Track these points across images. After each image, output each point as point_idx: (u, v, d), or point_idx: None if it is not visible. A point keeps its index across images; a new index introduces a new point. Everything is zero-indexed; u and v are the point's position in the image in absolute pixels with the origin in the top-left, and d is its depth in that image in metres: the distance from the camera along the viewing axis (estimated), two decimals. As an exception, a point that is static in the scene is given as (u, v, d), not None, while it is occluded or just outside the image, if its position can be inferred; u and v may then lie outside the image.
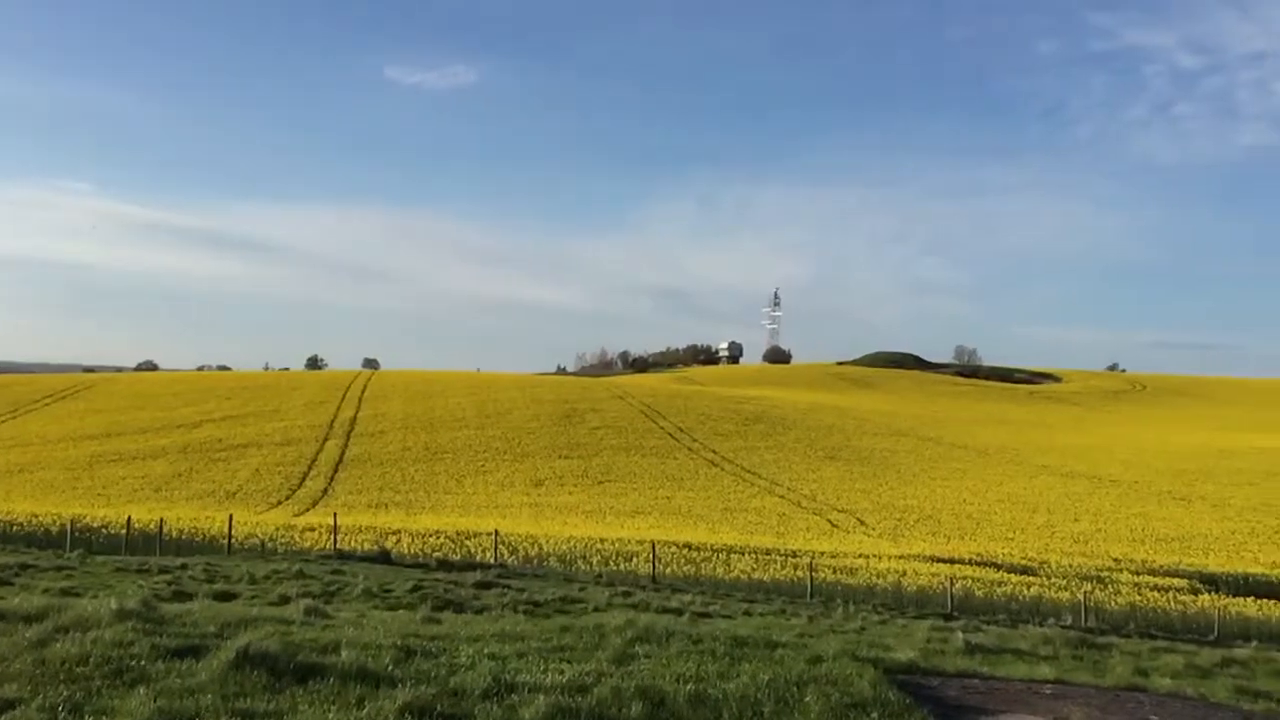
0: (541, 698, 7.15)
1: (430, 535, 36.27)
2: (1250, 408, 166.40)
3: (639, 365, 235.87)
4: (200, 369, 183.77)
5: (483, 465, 67.75)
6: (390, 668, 8.14)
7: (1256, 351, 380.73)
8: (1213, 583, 40.12)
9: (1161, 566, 42.76)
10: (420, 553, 31.92)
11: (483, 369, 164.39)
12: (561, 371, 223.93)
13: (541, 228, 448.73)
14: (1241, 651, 16.33)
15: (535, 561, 32.63)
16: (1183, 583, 39.25)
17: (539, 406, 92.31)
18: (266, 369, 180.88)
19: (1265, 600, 37.00)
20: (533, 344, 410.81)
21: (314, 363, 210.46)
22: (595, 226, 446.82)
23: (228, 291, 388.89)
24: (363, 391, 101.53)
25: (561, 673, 8.13)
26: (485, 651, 9.17)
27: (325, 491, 57.89)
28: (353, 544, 32.52)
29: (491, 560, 30.85)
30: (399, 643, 9.30)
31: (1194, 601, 35.38)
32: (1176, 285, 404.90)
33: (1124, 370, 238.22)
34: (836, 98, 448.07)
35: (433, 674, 8.03)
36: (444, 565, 28.21)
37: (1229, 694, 10.48)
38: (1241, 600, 36.54)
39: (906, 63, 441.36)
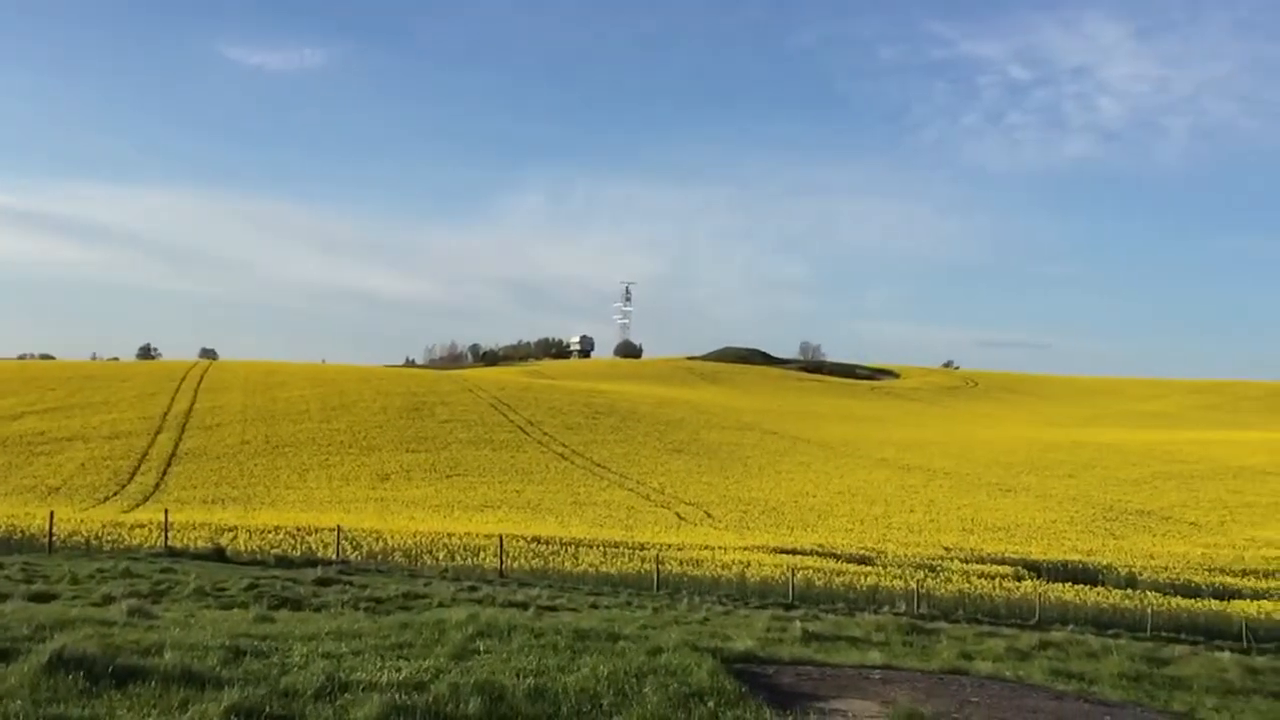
0: (376, 696, 7.01)
1: (269, 531, 35.17)
2: (1071, 404, 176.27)
3: (489, 359, 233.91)
4: (21, 358, 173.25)
5: (326, 459, 66.09)
6: (218, 669, 7.88)
7: (1077, 350, 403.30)
8: (1035, 569, 42.25)
9: (989, 555, 44.80)
10: (258, 549, 30.88)
11: (328, 360, 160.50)
12: (410, 364, 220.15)
13: (390, 217, 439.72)
14: (1058, 634, 17.27)
15: (379, 557, 31.99)
16: (1008, 570, 41.17)
17: (386, 399, 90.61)
18: (94, 358, 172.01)
19: (1081, 585, 39.18)
20: (380, 336, 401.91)
21: (146, 352, 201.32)
22: (445, 217, 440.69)
23: (52, 276, 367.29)
24: (199, 383, 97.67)
25: (398, 670, 7.99)
26: (320, 650, 8.95)
27: (157, 487, 55.50)
28: (185, 541, 31.20)
29: (333, 556, 30.09)
30: (228, 643, 9.02)
31: (1018, 588, 37.18)
32: (1006, 287, 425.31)
33: (958, 367, 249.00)
34: (685, 96, 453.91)
35: (263, 674, 7.79)
36: (283, 562, 27.39)
37: (1044, 675, 11.06)
38: (1060, 586, 38.58)
39: (754, 64, 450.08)
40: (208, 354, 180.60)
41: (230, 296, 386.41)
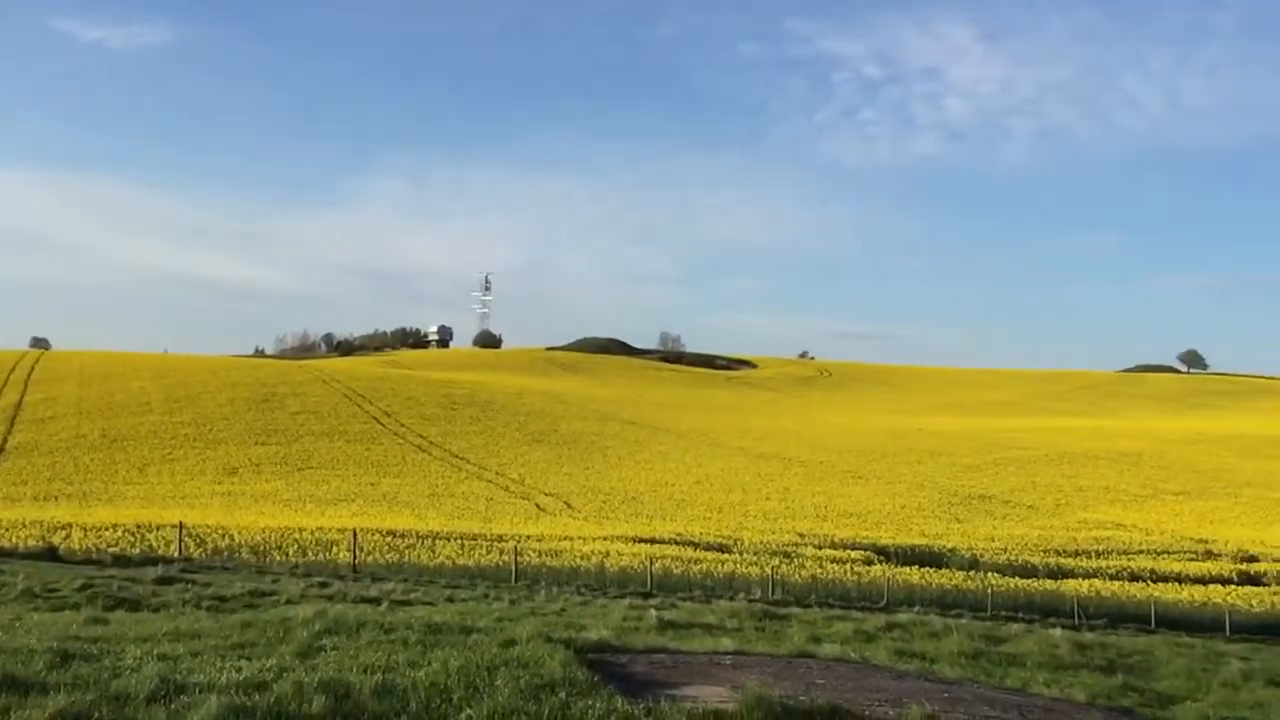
0: (214, 698, 6.75)
1: (106, 529, 33.62)
2: (919, 393, 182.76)
3: (344, 348, 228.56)
4: None
5: (169, 453, 63.55)
6: (43, 674, 7.52)
7: (926, 341, 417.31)
8: (885, 554, 43.68)
9: (841, 540, 46.09)
10: (94, 548, 29.49)
11: (171, 350, 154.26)
12: (259, 354, 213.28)
13: (239, 201, 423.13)
14: (903, 616, 17.86)
15: (226, 554, 30.96)
16: (859, 555, 42.44)
17: (233, 390, 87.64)
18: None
19: (928, 568, 40.70)
20: (228, 325, 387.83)
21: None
22: (297, 203, 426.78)
23: None
24: (29, 373, 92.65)
25: (239, 670, 7.73)
26: (155, 652, 8.60)
27: (-16, 484, 52.41)
28: (14, 540, 29.57)
29: (175, 554, 28.96)
30: (56, 646, 8.61)
31: (868, 572, 38.36)
32: (859, 279, 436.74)
33: (813, 358, 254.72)
34: (544, 84, 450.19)
35: (93, 679, 7.45)
36: (120, 561, 26.20)
37: (888, 656, 11.43)
38: (908, 569, 39.98)
39: (615, 55, 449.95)
40: (39, 343, 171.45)
41: (65, 283, 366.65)
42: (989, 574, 40.42)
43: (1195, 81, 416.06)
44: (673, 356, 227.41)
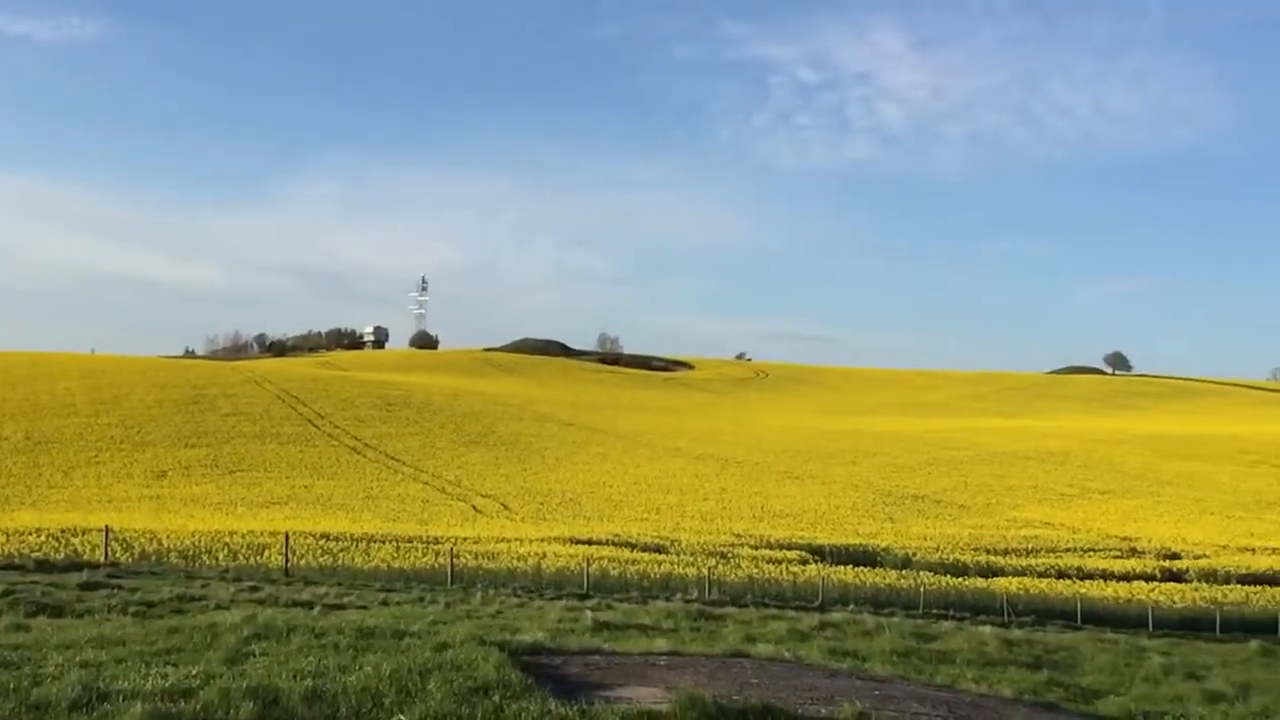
0: (139, 705, 6.62)
1: (29, 533, 32.73)
2: (854, 394, 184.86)
3: (277, 349, 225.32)
4: None
5: (96, 456, 62.10)
6: (-40, 684, 7.28)
7: (859, 343, 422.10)
8: (820, 553, 44.07)
9: (777, 540, 46.43)
10: (16, 553, 28.67)
11: (98, 351, 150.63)
12: (190, 355, 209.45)
13: (170, 199, 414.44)
14: (837, 615, 18.05)
15: (154, 558, 30.33)
16: (795, 555, 42.80)
17: (162, 392, 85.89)
18: None
19: (862, 567, 41.17)
20: (157, 325, 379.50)
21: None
22: (231, 201, 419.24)
23: None
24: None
25: (165, 677, 7.58)
26: (78, 659, 8.41)
27: (-101, 488, 50.78)
28: (-68, 547, 28.72)
29: (102, 559, 28.29)
30: (-26, 655, 8.36)
31: (803, 571, 38.69)
32: (796, 281, 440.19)
33: (750, 359, 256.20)
34: (483, 84, 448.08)
35: (12, 687, 7.27)
36: (44, 566, 25.49)
37: (822, 654, 11.55)
38: (843, 568, 40.40)
39: (555, 55, 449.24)
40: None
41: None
42: (921, 573, 40.98)
43: (1120, 89, 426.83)
44: (610, 358, 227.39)
